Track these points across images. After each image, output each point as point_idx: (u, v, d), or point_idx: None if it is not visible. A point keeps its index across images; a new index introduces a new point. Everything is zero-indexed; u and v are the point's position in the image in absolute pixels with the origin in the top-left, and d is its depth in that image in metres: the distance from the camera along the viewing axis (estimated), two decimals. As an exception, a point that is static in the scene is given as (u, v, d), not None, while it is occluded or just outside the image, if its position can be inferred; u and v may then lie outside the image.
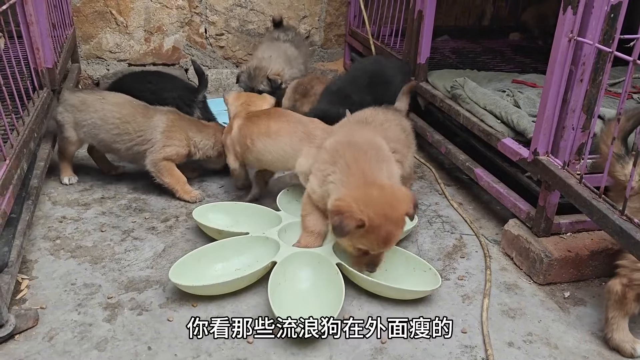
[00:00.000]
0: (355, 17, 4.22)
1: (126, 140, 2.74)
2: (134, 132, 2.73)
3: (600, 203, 1.92)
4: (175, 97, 3.08)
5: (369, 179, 2.04)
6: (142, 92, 3.01)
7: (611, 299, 1.93)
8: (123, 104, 2.77)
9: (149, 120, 2.74)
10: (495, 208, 2.84)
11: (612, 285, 1.93)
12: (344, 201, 1.97)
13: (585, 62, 2.05)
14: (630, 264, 1.90)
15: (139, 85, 3.11)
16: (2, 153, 2.02)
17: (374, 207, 1.95)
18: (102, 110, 2.73)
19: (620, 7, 1.93)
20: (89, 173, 3.01)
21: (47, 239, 2.43)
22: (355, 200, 1.96)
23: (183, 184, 2.79)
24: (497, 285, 2.28)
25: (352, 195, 1.98)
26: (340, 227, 1.93)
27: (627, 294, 1.89)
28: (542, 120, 2.21)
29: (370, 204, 1.95)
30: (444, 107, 3.08)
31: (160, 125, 2.74)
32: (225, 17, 4.19)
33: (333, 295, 2.00)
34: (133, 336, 1.92)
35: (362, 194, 1.99)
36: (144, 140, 2.74)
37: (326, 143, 2.26)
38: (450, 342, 1.96)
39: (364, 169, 2.06)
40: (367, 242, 2.00)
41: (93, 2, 3.94)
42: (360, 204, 1.94)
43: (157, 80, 3.20)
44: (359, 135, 2.23)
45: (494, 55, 4.02)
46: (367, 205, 1.95)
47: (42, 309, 2.01)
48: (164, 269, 2.24)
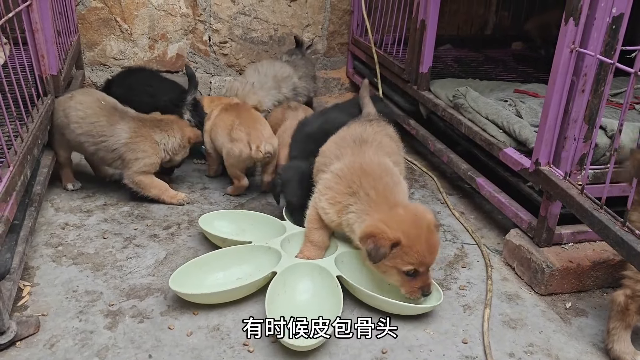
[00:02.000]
0: (358, 25, 4.23)
1: (90, 143, 2.69)
2: (97, 136, 2.67)
3: (602, 214, 1.92)
4: (166, 100, 3.09)
5: (391, 203, 2.08)
6: (141, 94, 3.07)
7: (614, 310, 1.93)
8: (89, 103, 2.72)
9: (111, 128, 2.67)
10: (496, 218, 2.84)
11: (615, 296, 1.93)
12: (373, 225, 1.99)
13: (587, 73, 2.05)
14: (634, 275, 1.89)
15: (138, 86, 3.16)
16: (6, 160, 2.03)
17: (403, 224, 1.99)
18: (67, 108, 2.70)
19: (622, 18, 1.94)
20: (92, 180, 3.02)
21: (50, 246, 2.44)
22: (383, 222, 1.99)
23: (166, 190, 2.80)
24: (498, 295, 2.27)
25: (380, 218, 2.01)
26: (375, 249, 1.95)
27: (630, 306, 1.89)
28: (543, 131, 2.21)
29: (399, 222, 1.99)
30: (446, 116, 3.09)
31: (123, 136, 2.68)
32: (229, 25, 4.21)
33: (331, 307, 2.00)
34: (134, 344, 1.92)
35: (389, 215, 2.02)
36: (108, 148, 2.68)
37: (336, 168, 2.25)
38: (451, 353, 1.96)
39: (385, 195, 2.10)
40: (412, 257, 1.97)
41: (98, 10, 3.96)
42: (390, 224, 1.98)
43: (156, 83, 3.22)
44: (368, 160, 2.24)
45: (496, 64, 4.03)
46: (397, 223, 1.98)
47: (44, 316, 2.02)
48: (166, 276, 2.24)
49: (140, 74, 3.38)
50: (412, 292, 2.04)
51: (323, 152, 2.45)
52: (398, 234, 1.95)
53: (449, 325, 2.09)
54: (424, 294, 2.05)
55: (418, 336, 2.03)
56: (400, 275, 2.01)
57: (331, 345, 1.94)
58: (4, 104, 2.14)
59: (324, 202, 2.21)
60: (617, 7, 1.92)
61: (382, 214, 2.03)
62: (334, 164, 2.30)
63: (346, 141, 2.40)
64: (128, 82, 3.24)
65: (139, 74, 3.38)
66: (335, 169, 2.25)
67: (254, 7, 4.20)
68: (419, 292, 2.04)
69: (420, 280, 2.03)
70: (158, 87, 3.19)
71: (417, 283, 2.03)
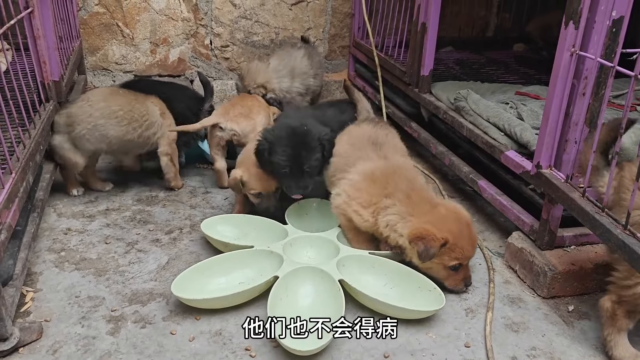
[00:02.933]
0: (359, 28, 4.23)
1: (137, 127, 2.79)
2: (140, 118, 2.80)
3: (603, 217, 1.91)
4: (183, 107, 3.09)
5: (432, 203, 2.24)
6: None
7: (603, 317, 1.93)
8: (113, 95, 2.83)
9: (143, 105, 2.83)
10: (498, 220, 2.84)
11: (602, 302, 1.93)
12: (421, 227, 2.13)
13: (588, 76, 2.05)
14: (618, 281, 1.89)
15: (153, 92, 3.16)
16: (8, 166, 2.04)
17: (447, 223, 2.15)
18: (98, 109, 2.72)
19: (622, 21, 1.94)
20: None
21: (52, 251, 2.44)
22: (430, 224, 2.13)
23: (177, 171, 3.03)
24: (500, 298, 2.27)
25: (426, 220, 2.16)
26: (426, 250, 2.10)
27: (617, 311, 1.89)
28: (544, 134, 2.21)
29: (444, 221, 2.15)
30: (448, 118, 3.09)
31: (155, 109, 2.86)
32: (230, 29, 4.22)
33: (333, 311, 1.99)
34: (136, 349, 1.92)
35: (433, 217, 2.17)
36: (151, 124, 2.83)
37: (365, 170, 2.34)
38: (453, 357, 1.96)
39: (423, 196, 2.25)
40: (458, 254, 2.16)
41: (100, 15, 3.98)
42: (436, 225, 2.13)
43: (168, 89, 3.22)
44: (401, 162, 2.42)
45: (497, 66, 4.03)
46: (442, 223, 2.14)
47: (47, 321, 2.03)
48: (168, 281, 2.24)
49: (152, 81, 3.47)
50: (456, 284, 2.24)
51: (339, 153, 2.52)
52: (445, 234, 2.11)
53: (451, 329, 2.09)
54: (467, 285, 2.26)
55: (420, 340, 2.02)
56: (446, 270, 2.19)
57: (333, 350, 1.94)
58: (6, 110, 2.15)
59: (355, 206, 2.30)
60: (617, 10, 1.92)
61: (428, 215, 2.17)
62: (357, 165, 2.37)
63: (362, 142, 2.49)
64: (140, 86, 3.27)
65: (151, 81, 3.50)
66: (363, 170, 2.33)
67: (255, 10, 4.21)
68: (462, 283, 2.24)
69: (462, 273, 2.23)
70: (174, 95, 3.18)
71: (460, 275, 2.23)
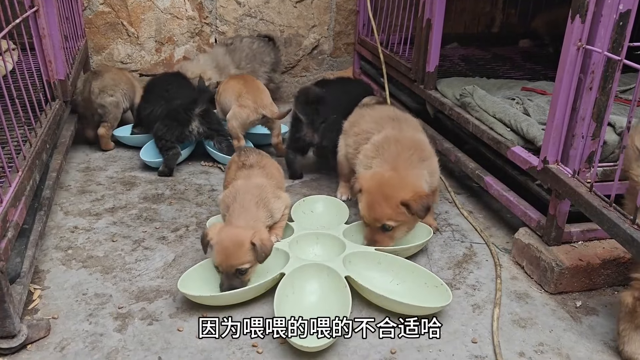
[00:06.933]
0: (364, 25, 4.23)
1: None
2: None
3: (611, 212, 1.90)
4: (177, 105, 3.19)
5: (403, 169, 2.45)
6: (160, 97, 3.31)
7: (622, 311, 1.91)
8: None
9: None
10: (505, 216, 2.83)
11: (623, 297, 1.91)
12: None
13: (595, 70, 2.04)
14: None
15: (159, 89, 3.38)
16: (15, 165, 2.05)
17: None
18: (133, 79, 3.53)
19: (629, 15, 1.92)
20: (101, 183, 3.05)
21: (59, 249, 2.45)
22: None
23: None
24: (507, 294, 2.26)
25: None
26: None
27: (638, 307, 1.86)
28: (551, 129, 2.20)
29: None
30: (453, 115, 3.07)
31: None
32: (235, 27, 4.22)
33: (340, 308, 2.00)
34: (143, 346, 1.93)
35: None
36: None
37: (380, 138, 2.56)
38: (460, 352, 1.95)
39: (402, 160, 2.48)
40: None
41: (105, 14, 3.99)
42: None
43: (174, 87, 3.37)
44: (403, 135, 2.60)
45: (503, 62, 4.01)
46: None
47: (54, 319, 2.03)
48: (174, 278, 2.25)
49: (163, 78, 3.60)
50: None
51: (363, 129, 2.70)
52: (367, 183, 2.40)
53: (458, 325, 2.08)
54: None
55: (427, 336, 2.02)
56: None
57: (340, 346, 1.94)
58: (12, 109, 2.16)
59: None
60: (624, 4, 1.91)
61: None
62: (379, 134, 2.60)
63: (384, 119, 2.70)
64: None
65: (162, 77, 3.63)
66: (380, 138, 2.56)
67: (259, 8, 4.21)
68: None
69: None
70: (176, 92, 3.32)
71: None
